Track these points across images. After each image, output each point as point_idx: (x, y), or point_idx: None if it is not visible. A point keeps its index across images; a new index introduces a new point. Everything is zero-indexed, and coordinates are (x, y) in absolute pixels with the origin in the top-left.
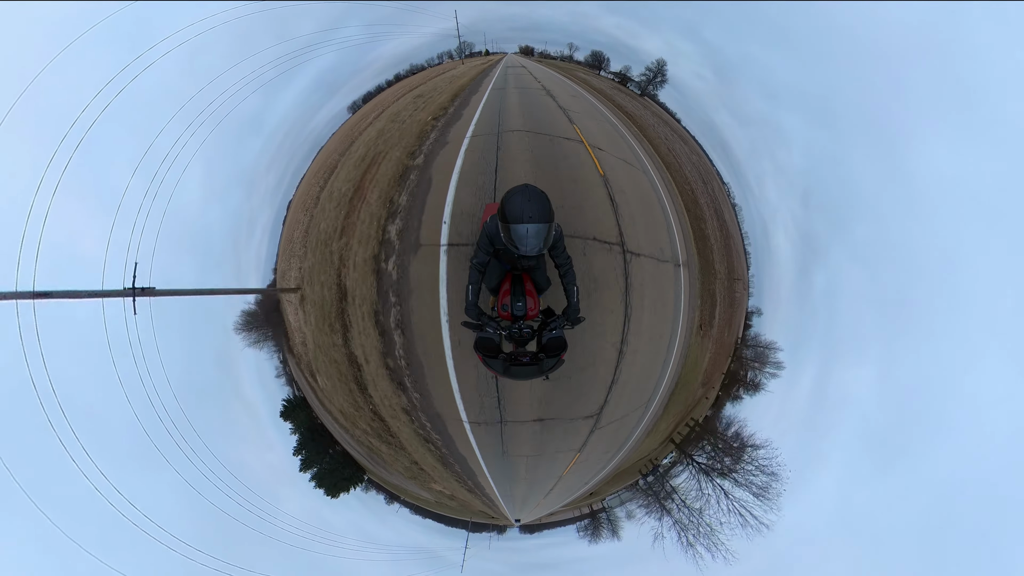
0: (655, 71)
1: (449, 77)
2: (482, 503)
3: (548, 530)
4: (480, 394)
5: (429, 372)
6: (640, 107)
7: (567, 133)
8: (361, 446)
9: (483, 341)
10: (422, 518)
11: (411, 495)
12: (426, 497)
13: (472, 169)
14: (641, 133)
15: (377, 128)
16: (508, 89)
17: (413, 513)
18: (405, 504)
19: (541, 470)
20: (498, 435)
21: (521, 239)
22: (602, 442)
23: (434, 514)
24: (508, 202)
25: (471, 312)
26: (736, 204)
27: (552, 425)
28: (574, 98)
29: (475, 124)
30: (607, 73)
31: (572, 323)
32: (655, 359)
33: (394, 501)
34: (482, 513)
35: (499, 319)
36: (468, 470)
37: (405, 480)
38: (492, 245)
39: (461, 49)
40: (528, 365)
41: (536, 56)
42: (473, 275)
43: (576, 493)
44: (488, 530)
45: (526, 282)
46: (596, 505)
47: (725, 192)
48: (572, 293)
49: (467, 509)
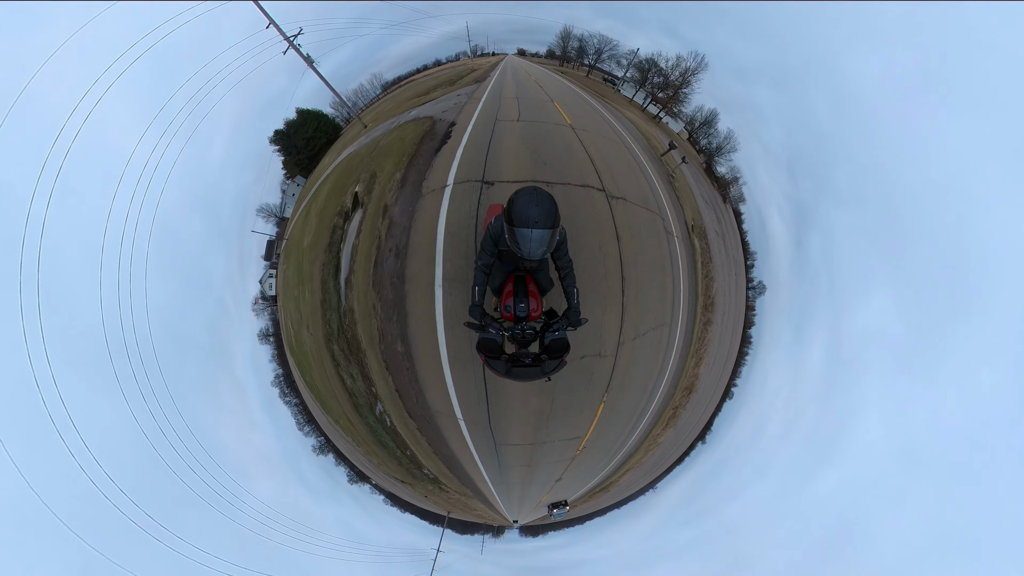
0: (721, 142)
1: (471, 66)
2: (479, 501)
3: (553, 532)
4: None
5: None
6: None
7: (552, 111)
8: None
9: (485, 342)
10: (400, 511)
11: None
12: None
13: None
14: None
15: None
16: (507, 80)
17: (390, 504)
18: (384, 492)
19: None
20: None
21: (525, 243)
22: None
23: (414, 507)
24: (514, 204)
25: (474, 313)
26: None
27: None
28: (551, 79)
29: (488, 92)
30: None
31: (574, 325)
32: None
33: (378, 491)
34: (469, 510)
35: (501, 320)
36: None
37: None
38: (496, 246)
39: (473, 50)
40: (530, 366)
41: (529, 56)
42: (478, 277)
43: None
44: (481, 531)
45: (529, 283)
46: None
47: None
48: (572, 295)
49: (451, 502)
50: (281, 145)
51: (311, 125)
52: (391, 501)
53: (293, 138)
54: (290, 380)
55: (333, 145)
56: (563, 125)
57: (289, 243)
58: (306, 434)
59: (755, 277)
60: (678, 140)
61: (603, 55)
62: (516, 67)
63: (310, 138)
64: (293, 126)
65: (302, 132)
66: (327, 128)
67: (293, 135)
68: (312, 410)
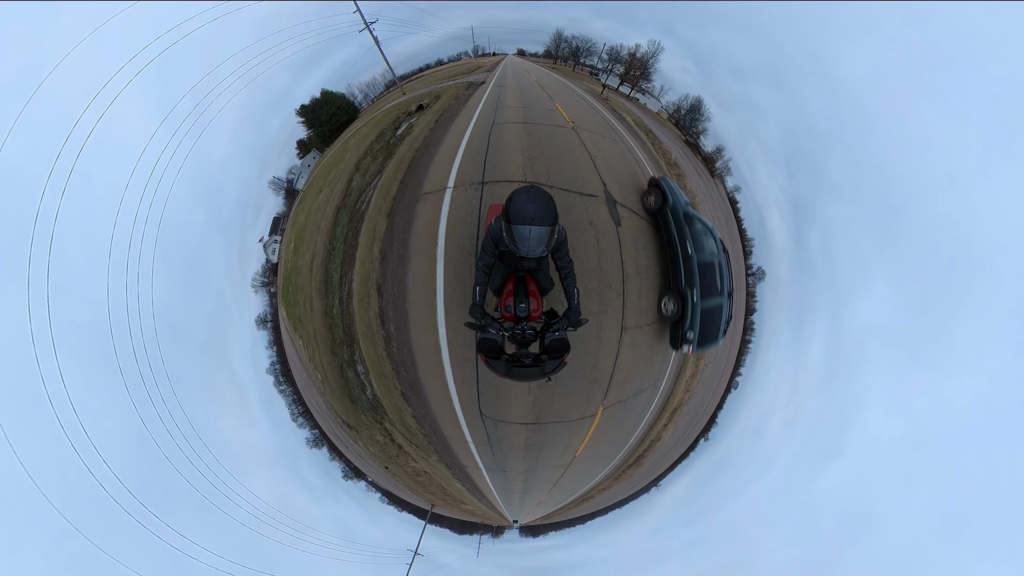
0: (697, 115)
1: (474, 64)
2: (479, 500)
3: (555, 532)
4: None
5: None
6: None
7: (548, 104)
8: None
9: (486, 342)
10: (397, 509)
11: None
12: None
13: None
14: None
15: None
16: (507, 75)
17: (387, 502)
18: (379, 489)
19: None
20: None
21: (523, 240)
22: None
23: (400, 500)
24: (512, 202)
25: (475, 313)
26: (739, 216)
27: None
28: (548, 78)
29: (491, 86)
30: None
31: (574, 325)
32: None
33: (362, 480)
34: (457, 505)
35: (502, 320)
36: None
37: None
38: (496, 247)
39: (475, 50)
40: (530, 366)
41: (528, 56)
42: (479, 277)
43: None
44: (479, 531)
45: (529, 283)
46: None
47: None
48: (573, 295)
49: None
50: (306, 118)
51: (334, 104)
52: (387, 499)
53: (318, 112)
54: (285, 368)
55: (353, 123)
56: (564, 127)
57: (305, 193)
58: (300, 426)
59: (754, 264)
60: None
61: (582, 53)
62: (516, 66)
63: (333, 115)
64: (318, 103)
65: (326, 108)
66: (348, 108)
67: (318, 110)
68: (295, 371)
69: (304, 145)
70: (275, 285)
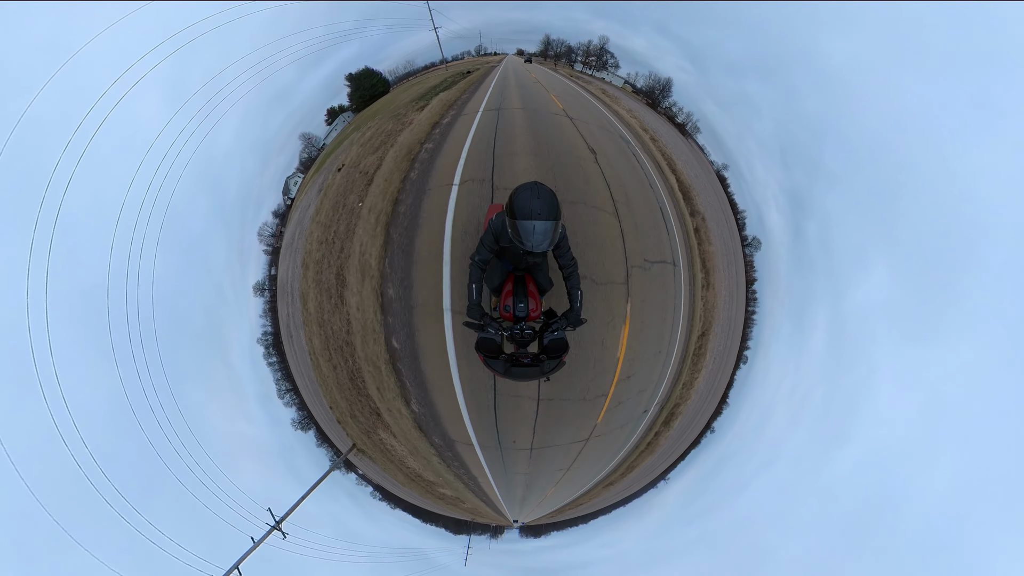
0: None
1: (477, 63)
2: (480, 501)
3: (556, 531)
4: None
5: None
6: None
7: (544, 97)
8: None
9: (484, 342)
10: (390, 506)
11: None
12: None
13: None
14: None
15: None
16: (508, 73)
17: (379, 499)
18: (372, 484)
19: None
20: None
21: (528, 235)
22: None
23: (407, 503)
24: (516, 197)
25: (473, 312)
26: (739, 215)
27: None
28: (546, 75)
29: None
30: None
31: (573, 325)
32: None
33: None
34: (458, 506)
35: (501, 320)
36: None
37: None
38: (497, 243)
39: (476, 50)
40: (529, 366)
41: (527, 55)
42: (475, 272)
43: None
44: (477, 531)
45: (528, 283)
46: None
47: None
48: (576, 297)
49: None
50: (353, 84)
51: (373, 78)
52: (380, 495)
53: (362, 81)
54: (277, 341)
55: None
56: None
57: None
58: (286, 404)
59: (748, 235)
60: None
61: (569, 52)
62: (516, 65)
63: (373, 85)
64: (363, 74)
65: (368, 80)
66: (383, 83)
67: (363, 80)
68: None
69: (333, 112)
70: (281, 240)
